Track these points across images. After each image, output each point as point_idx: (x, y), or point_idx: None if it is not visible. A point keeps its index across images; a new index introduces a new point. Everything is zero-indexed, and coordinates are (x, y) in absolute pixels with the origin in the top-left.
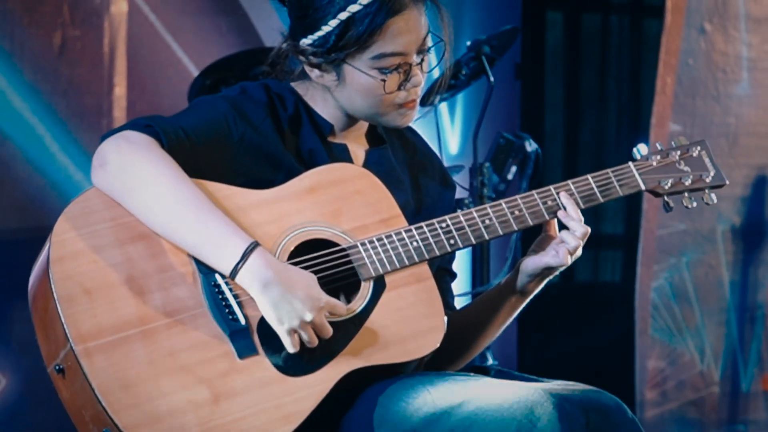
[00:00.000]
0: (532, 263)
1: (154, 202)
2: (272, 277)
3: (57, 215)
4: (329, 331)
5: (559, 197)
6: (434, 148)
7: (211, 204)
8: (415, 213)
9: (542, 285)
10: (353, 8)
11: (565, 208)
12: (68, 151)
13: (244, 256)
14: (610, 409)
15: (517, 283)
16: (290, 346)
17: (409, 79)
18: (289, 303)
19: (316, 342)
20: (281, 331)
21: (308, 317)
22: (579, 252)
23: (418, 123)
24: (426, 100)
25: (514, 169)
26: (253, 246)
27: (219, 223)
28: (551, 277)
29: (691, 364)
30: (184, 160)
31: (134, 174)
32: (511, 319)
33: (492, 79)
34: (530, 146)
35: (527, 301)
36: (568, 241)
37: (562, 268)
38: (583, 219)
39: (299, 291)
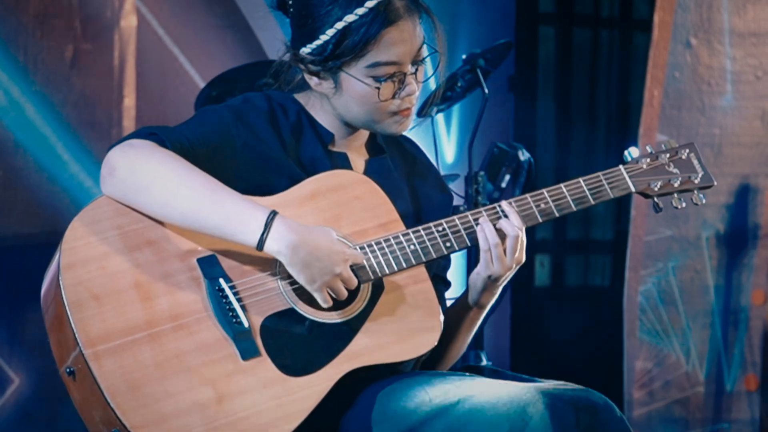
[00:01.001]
0: (474, 276)
1: (170, 195)
2: (298, 240)
3: (68, 221)
4: (355, 281)
5: (501, 207)
6: (431, 157)
7: (222, 186)
8: (414, 220)
9: (495, 295)
10: (349, 18)
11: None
12: (79, 160)
13: (267, 226)
14: (600, 407)
15: (469, 297)
16: (324, 302)
17: (403, 88)
18: (318, 260)
19: (345, 294)
20: (313, 288)
21: (338, 269)
22: (518, 256)
23: (415, 132)
24: (423, 111)
25: (507, 177)
26: (273, 214)
27: (235, 201)
28: (500, 286)
29: (677, 365)
30: None
31: (144, 174)
32: (474, 330)
33: (486, 91)
34: (523, 155)
35: (485, 312)
36: (493, 249)
37: (506, 275)
38: (522, 227)
39: (324, 247)
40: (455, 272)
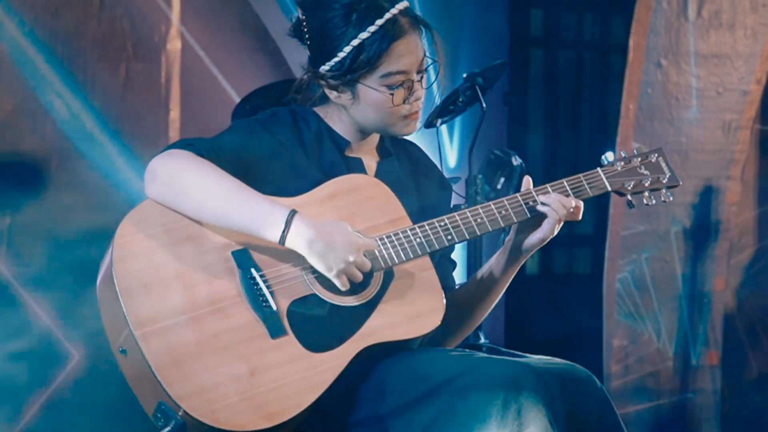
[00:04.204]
0: (530, 238)
1: (204, 198)
2: (314, 235)
3: (121, 219)
4: (368, 265)
5: (537, 196)
6: (436, 162)
7: (249, 189)
8: (419, 214)
9: (519, 265)
10: (363, 36)
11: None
12: (132, 165)
13: (288, 224)
14: (583, 380)
15: (503, 261)
16: (341, 286)
17: (412, 94)
18: (333, 251)
19: (360, 277)
20: (331, 275)
21: (351, 258)
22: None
23: (423, 140)
24: (430, 123)
25: (502, 180)
26: (293, 213)
27: (260, 201)
28: (531, 252)
29: (650, 342)
30: None
31: (182, 179)
32: (498, 298)
33: (484, 105)
34: (516, 161)
35: (509, 280)
36: (555, 214)
37: (546, 240)
38: (568, 204)
39: (339, 239)
40: (456, 260)
